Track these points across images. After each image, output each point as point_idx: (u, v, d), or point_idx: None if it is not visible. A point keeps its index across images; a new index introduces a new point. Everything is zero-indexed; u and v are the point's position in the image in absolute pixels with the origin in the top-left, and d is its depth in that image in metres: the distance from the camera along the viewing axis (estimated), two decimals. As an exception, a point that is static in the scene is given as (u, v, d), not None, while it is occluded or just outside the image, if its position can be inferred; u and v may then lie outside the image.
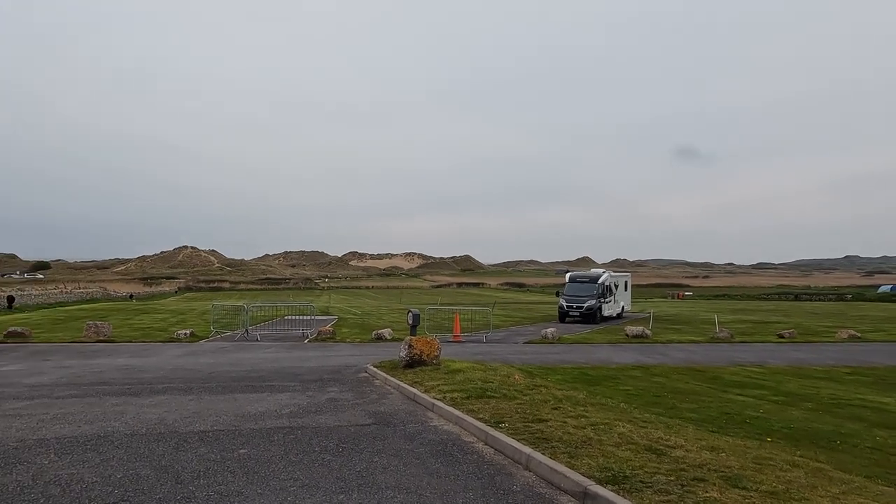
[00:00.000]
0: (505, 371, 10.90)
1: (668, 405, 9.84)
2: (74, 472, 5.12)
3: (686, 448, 5.76)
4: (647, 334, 22.49)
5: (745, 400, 10.81)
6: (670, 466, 5.03)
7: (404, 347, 11.31)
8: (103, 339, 19.59)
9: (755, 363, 16.03)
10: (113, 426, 6.91)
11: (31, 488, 4.69)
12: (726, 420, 8.90)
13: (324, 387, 10.04)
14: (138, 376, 11.47)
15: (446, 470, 5.33)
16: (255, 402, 8.52)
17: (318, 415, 7.68)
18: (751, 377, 13.61)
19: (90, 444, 6.08)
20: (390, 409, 8.14)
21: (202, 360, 14.44)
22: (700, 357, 17.23)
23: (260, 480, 4.97)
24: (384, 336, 20.61)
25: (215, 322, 23.81)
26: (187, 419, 7.34)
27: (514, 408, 7.49)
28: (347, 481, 4.96)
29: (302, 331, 22.34)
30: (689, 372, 14.16)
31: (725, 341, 22.25)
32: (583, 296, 31.07)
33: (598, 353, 17.86)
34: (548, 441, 5.86)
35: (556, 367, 14.01)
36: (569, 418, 6.92)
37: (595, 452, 5.44)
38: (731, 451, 5.86)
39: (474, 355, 15.26)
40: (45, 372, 12.19)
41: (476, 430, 6.60)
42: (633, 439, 5.99)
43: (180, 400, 8.74)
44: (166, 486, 4.81)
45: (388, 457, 5.72)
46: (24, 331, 19.91)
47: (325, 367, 12.99)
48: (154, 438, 6.34)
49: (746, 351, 19.12)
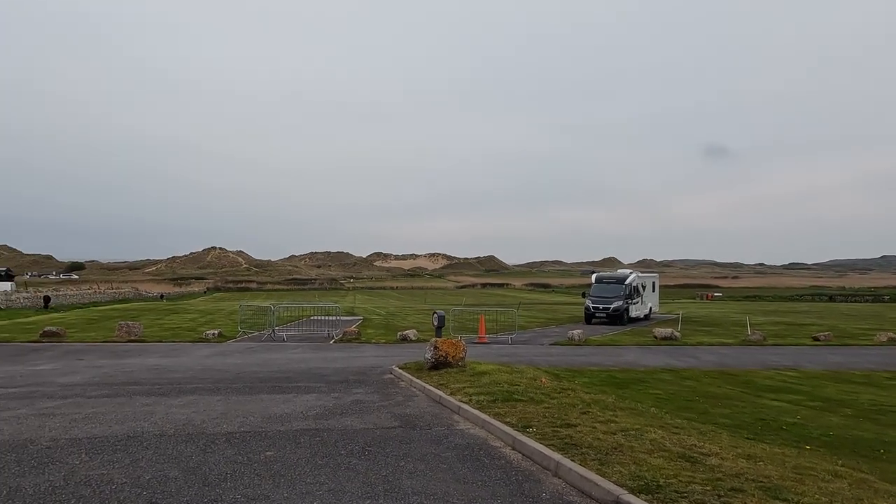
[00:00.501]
0: (531, 374, 10.76)
1: (700, 410, 9.59)
2: (104, 472, 5.17)
3: (721, 456, 5.57)
4: (676, 336, 22.07)
5: (780, 405, 10.48)
6: (706, 475, 4.86)
7: (429, 349, 11.25)
8: (134, 338, 19.98)
9: (790, 367, 15.58)
10: (142, 426, 6.98)
11: (62, 489, 4.74)
12: (762, 426, 8.62)
13: (349, 388, 10.04)
14: (168, 376, 11.63)
15: (473, 476, 5.24)
16: (282, 404, 8.54)
17: (344, 417, 7.66)
18: (785, 381, 13.21)
19: (120, 444, 6.15)
20: (416, 411, 8.08)
21: (230, 361, 14.60)
22: (732, 360, 16.82)
23: (286, 484, 4.94)
24: (409, 337, 20.60)
25: (243, 322, 24.10)
26: (215, 420, 7.38)
27: (542, 412, 7.36)
28: (373, 486, 4.90)
29: (327, 331, 22.46)
30: (721, 375, 13.82)
31: (758, 344, 21.71)
32: (609, 297, 30.66)
33: (627, 355, 17.57)
34: (577, 447, 5.72)
35: (584, 370, 13.80)
36: (598, 423, 6.77)
37: (626, 459, 5.29)
38: (769, 460, 5.65)
39: (500, 357, 15.13)
40: (79, 371, 12.45)
41: (503, 435, 6.49)
42: (666, 446, 5.82)
43: (208, 400, 8.82)
44: (194, 488, 4.81)
45: (414, 461, 5.65)
46: (58, 330, 20.42)
47: (350, 368, 13.01)
48: (182, 439, 6.38)
49: (780, 354, 18.61)
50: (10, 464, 5.40)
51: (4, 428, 6.83)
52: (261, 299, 63.21)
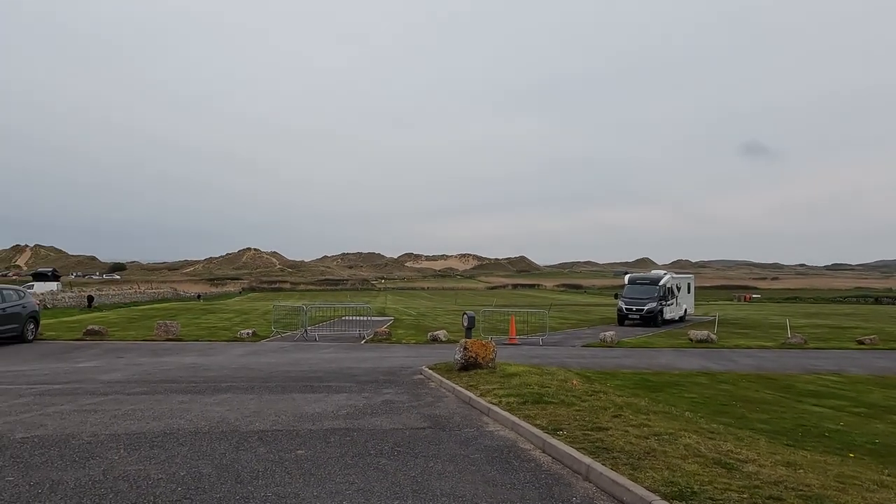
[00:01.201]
0: (562, 375, 10.65)
1: (736, 415, 9.33)
2: (141, 468, 5.30)
3: (759, 463, 5.40)
4: (712, 339, 21.56)
5: (822, 411, 10.13)
6: (743, 483, 4.72)
7: (459, 350, 11.23)
8: (172, 337, 20.49)
9: (832, 371, 15.05)
10: (178, 423, 7.14)
11: (101, 483, 4.88)
12: (802, 433, 8.34)
13: (379, 388, 10.09)
14: (203, 374, 11.89)
15: (502, 478, 5.20)
16: (313, 403, 8.63)
17: (374, 417, 7.70)
18: (828, 386, 12.77)
19: (157, 440, 6.30)
20: (445, 412, 8.07)
21: (263, 360, 14.84)
22: (771, 364, 16.34)
23: (316, 482, 4.99)
24: (439, 337, 20.62)
25: (276, 322, 24.49)
26: (248, 418, 7.51)
27: (573, 414, 7.27)
28: (402, 486, 4.91)
29: (358, 331, 22.65)
30: (759, 379, 13.43)
31: (798, 347, 21.04)
32: (643, 298, 30.16)
33: (660, 357, 17.24)
34: (608, 451, 5.63)
35: (616, 372, 13.58)
36: (630, 427, 6.65)
37: (659, 465, 5.17)
38: (810, 468, 5.45)
39: (530, 359, 15.02)
40: (119, 369, 12.83)
41: (533, 437, 6.43)
42: (701, 451, 5.67)
43: (242, 399, 8.97)
44: (226, 485, 4.90)
45: (443, 462, 5.64)
46: (101, 329, 21.09)
47: (380, 368, 13.08)
48: (216, 437, 6.51)
49: (822, 358, 17.99)
50: (54, 458, 5.59)
51: (49, 423, 7.07)
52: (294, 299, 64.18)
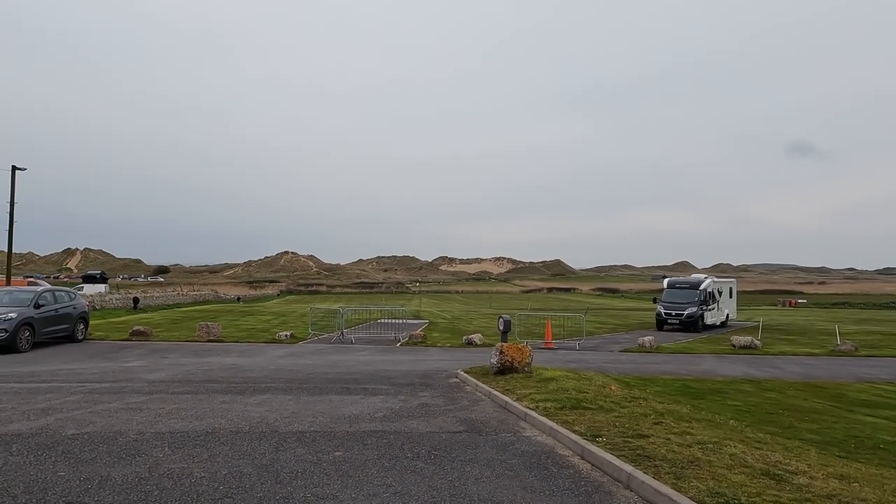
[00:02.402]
0: (600, 381, 10.46)
1: (783, 424, 9.01)
2: (185, 466, 5.42)
3: (810, 475, 5.18)
4: (756, 345, 20.90)
5: (875, 422, 9.69)
6: (793, 496, 4.53)
7: (495, 354, 11.16)
8: (213, 338, 21.01)
9: (887, 380, 14.40)
10: (220, 423, 7.29)
11: (147, 480, 5.01)
12: (855, 444, 7.99)
13: (415, 391, 10.10)
14: (243, 375, 12.12)
15: (541, 484, 5.12)
16: (350, 405, 8.69)
17: (410, 419, 7.70)
18: (882, 396, 12.21)
19: (199, 439, 6.44)
20: (482, 416, 8.02)
21: (301, 362, 15.06)
22: (819, 371, 15.73)
23: (354, 484, 5.01)
24: (474, 341, 20.57)
25: (313, 324, 24.85)
26: (286, 419, 7.61)
27: (612, 421, 7.13)
28: (439, 490, 4.89)
29: (394, 334, 22.78)
30: (807, 388, 12.94)
31: (848, 354, 20.22)
32: (683, 303, 29.49)
33: (702, 364, 16.79)
34: (650, 459, 5.49)
35: (656, 378, 13.29)
36: (672, 434, 6.48)
37: (704, 475, 5.01)
38: (866, 481, 5.20)
39: (567, 363, 14.82)
40: (163, 369, 13.20)
41: (571, 444, 6.33)
42: (747, 461, 5.48)
43: (281, 399, 9.10)
44: (266, 484, 4.96)
45: (480, 467, 5.59)
46: (146, 330, 21.78)
47: (416, 371, 13.10)
48: (256, 437, 6.61)
49: (875, 366, 17.23)
50: (102, 454, 5.77)
51: (97, 420, 7.31)
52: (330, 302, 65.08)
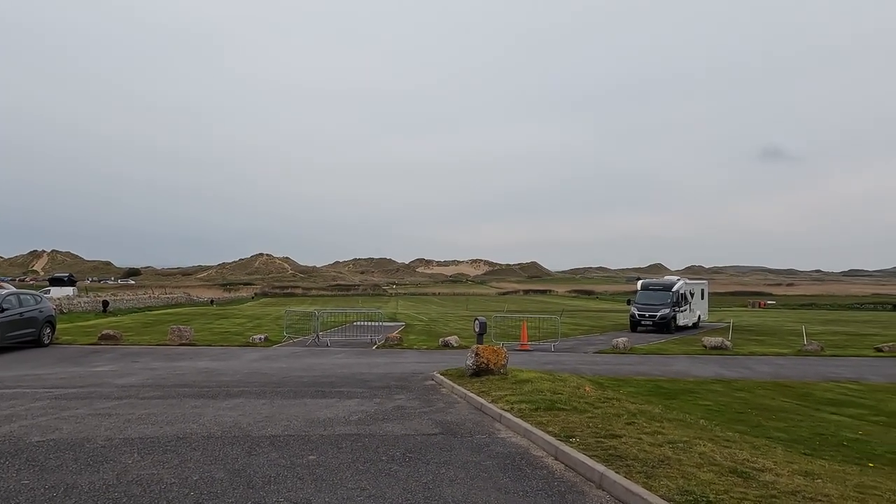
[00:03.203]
0: (574, 382, 10.57)
1: (752, 423, 9.21)
2: (155, 472, 5.33)
3: (776, 472, 5.32)
4: (726, 345, 21.32)
5: (840, 419, 9.97)
6: (759, 492, 4.64)
7: (471, 356, 11.20)
8: (186, 342, 20.65)
9: (851, 379, 14.82)
10: (191, 428, 7.18)
11: (114, 487, 4.91)
12: (820, 441, 8.21)
13: (391, 394, 10.08)
14: (217, 379, 11.95)
15: (514, 485, 5.16)
16: (325, 408, 8.64)
17: (386, 422, 7.69)
18: (846, 394, 12.56)
19: (170, 445, 6.33)
20: (457, 418, 8.04)
21: (275, 365, 14.90)
22: (787, 371, 16.12)
23: (328, 488, 4.98)
24: (451, 343, 20.59)
25: (288, 327, 24.60)
26: (260, 423, 7.53)
27: (585, 421, 7.21)
28: (413, 493, 4.89)
29: (370, 337, 22.68)
30: (776, 387, 13.25)
31: (815, 354, 20.76)
32: (656, 304, 29.93)
33: (674, 364, 17.07)
34: (622, 458, 5.57)
35: (629, 379, 13.47)
36: (644, 434, 6.58)
37: (674, 473, 5.11)
38: (829, 478, 5.36)
39: (542, 365, 14.94)
40: (133, 373, 12.93)
41: (545, 444, 6.38)
42: (716, 460, 5.60)
43: (254, 403, 9.00)
44: (238, 489, 4.90)
45: (454, 469, 5.61)
46: (115, 333, 21.31)
47: (392, 373, 13.07)
48: (228, 441, 6.53)
49: (840, 365, 17.72)
50: (68, 462, 5.63)
51: (64, 427, 7.14)
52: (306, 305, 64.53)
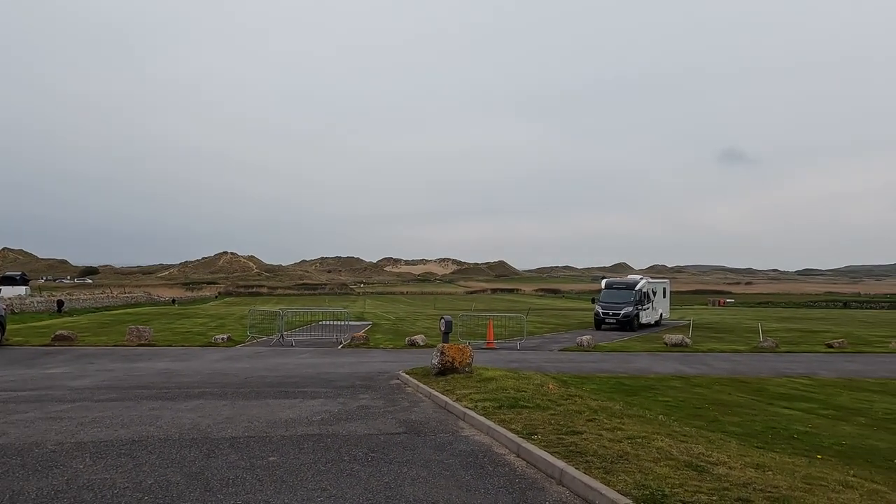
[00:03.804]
0: (538, 380, 10.69)
1: (709, 418, 9.47)
2: (107, 477, 5.18)
3: (729, 465, 5.47)
4: (686, 343, 21.87)
5: (792, 413, 10.33)
6: (712, 485, 4.77)
7: (436, 354, 11.21)
8: (145, 342, 20.11)
9: (803, 374, 15.37)
10: (148, 430, 7.00)
11: (64, 493, 4.75)
12: (772, 435, 8.49)
13: (356, 393, 10.02)
14: (176, 380, 11.68)
15: (476, 483, 5.18)
16: (288, 409, 8.53)
17: (349, 422, 7.64)
18: (798, 389, 13.03)
19: (125, 448, 6.16)
20: (421, 417, 8.04)
21: (238, 365, 14.64)
22: (744, 367, 16.62)
23: (288, 489, 4.92)
24: (417, 342, 20.58)
25: (252, 327, 24.22)
26: (220, 424, 7.39)
27: (548, 418, 7.30)
28: (375, 493, 4.87)
29: (336, 336, 22.49)
30: (733, 383, 13.65)
31: (770, 351, 21.46)
32: (619, 303, 30.49)
33: (636, 361, 17.42)
34: (582, 455, 5.66)
35: (592, 376, 13.69)
36: (604, 430, 6.70)
37: (632, 468, 5.21)
38: (779, 470, 5.54)
39: (508, 363, 15.06)
40: (89, 375, 12.54)
41: (508, 442, 6.44)
42: (673, 454, 5.73)
43: (215, 405, 8.83)
44: (195, 493, 4.80)
45: (417, 468, 5.61)
46: (70, 334, 20.61)
47: (357, 373, 12.99)
48: (186, 444, 6.38)
49: (793, 361, 18.37)
50: (15, 467, 5.42)
51: (12, 431, 6.87)
52: (271, 304, 63.59)
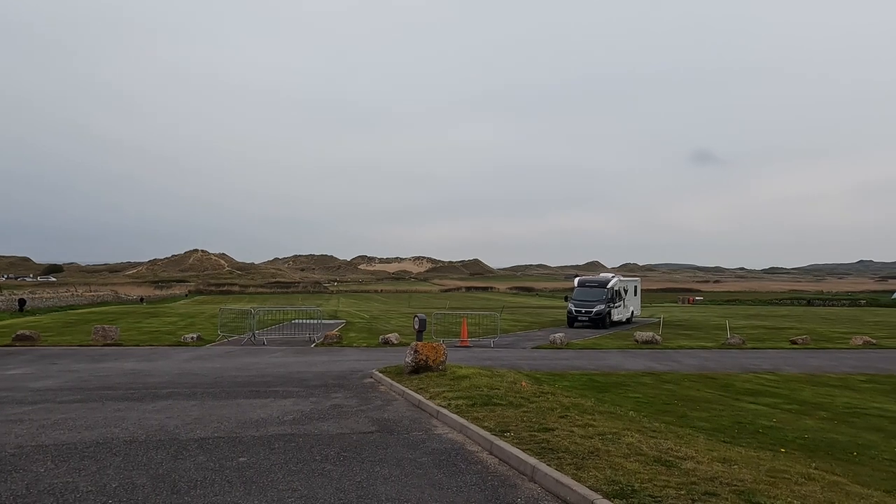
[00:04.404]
0: (511, 377, 10.74)
1: (678, 414, 9.64)
2: (70, 480, 5.03)
3: (697, 460, 5.58)
4: (657, 340, 22.22)
5: (757, 408, 10.58)
6: (681, 479, 4.85)
7: (410, 353, 11.19)
8: (111, 342, 19.62)
9: (768, 370, 15.75)
10: (113, 432, 6.83)
11: (23, 497, 4.60)
12: (739, 429, 8.68)
13: (328, 392, 9.93)
14: (143, 381, 11.42)
15: (449, 481, 5.18)
16: (259, 409, 8.42)
17: (321, 422, 7.57)
18: (764, 385, 13.35)
19: (88, 451, 6.00)
20: (394, 416, 8.01)
21: (208, 365, 14.39)
22: (712, 364, 16.96)
23: (258, 490, 4.85)
24: (391, 341, 20.50)
25: (223, 326, 23.81)
26: (188, 425, 7.25)
27: (521, 416, 7.34)
28: (346, 492, 4.83)
29: (309, 335, 22.27)
30: (701, 379, 13.92)
31: (737, 347, 21.94)
32: (592, 300, 30.82)
33: (608, 358, 17.64)
34: (554, 451, 5.70)
35: (565, 374, 13.82)
36: (576, 427, 6.76)
37: (602, 464, 5.27)
38: (744, 463, 5.67)
39: (481, 361, 15.10)
40: (52, 376, 12.18)
41: (481, 439, 6.45)
42: (643, 450, 5.81)
43: (183, 405, 8.66)
44: (161, 495, 4.70)
45: (389, 466, 5.58)
46: (32, 334, 19.98)
47: (330, 372, 12.88)
48: (153, 445, 6.25)
49: (759, 357, 18.81)
50: (-28, 472, 5.23)
51: (-31, 435, 6.63)
52: (243, 303, 62.61)
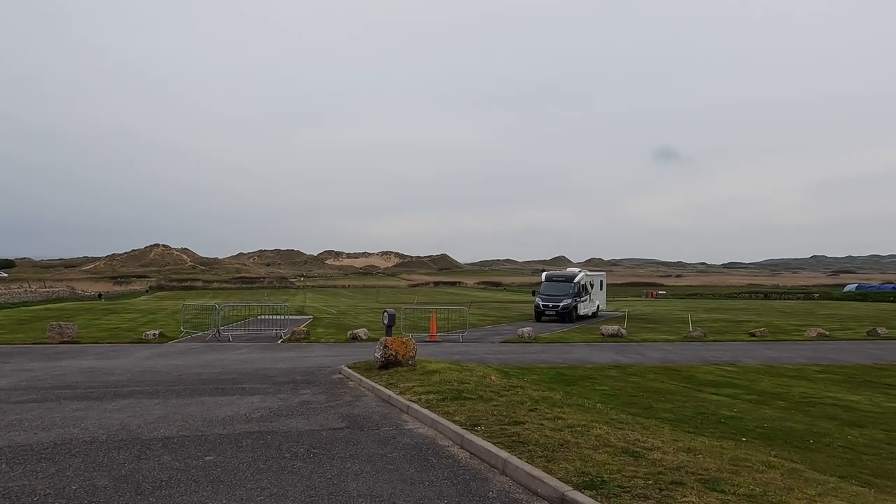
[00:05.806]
0: (481, 372, 10.78)
1: (644, 405, 9.84)
2: (26, 483, 4.84)
3: (663, 450, 5.70)
4: (622, 333, 22.63)
5: (719, 399, 10.87)
6: (648, 470, 4.95)
7: (379, 348, 11.12)
8: (68, 340, 18.96)
9: (728, 362, 16.21)
10: (71, 433, 6.60)
11: (-23, 502, 4.41)
12: (702, 420, 8.91)
13: (296, 389, 9.81)
14: (103, 379, 11.08)
15: (420, 476, 5.18)
16: (225, 406, 8.25)
17: (290, 418, 7.47)
18: (724, 376, 13.73)
19: (45, 452, 5.78)
20: (364, 411, 7.96)
21: (171, 362, 14.04)
22: (675, 356, 17.37)
23: (225, 490, 4.75)
24: (360, 336, 20.35)
25: (186, 322, 23.26)
26: (152, 424, 7.06)
27: (491, 409, 7.37)
28: (317, 489, 4.78)
29: (275, 331, 21.93)
30: (665, 371, 14.24)
31: (699, 340, 22.51)
32: (558, 295, 31.18)
33: (575, 352, 17.88)
34: (524, 444, 5.74)
35: (533, 367, 13.95)
36: (546, 420, 6.83)
37: (572, 456, 5.34)
38: (708, 453, 5.82)
39: (451, 355, 15.12)
40: (4, 375, 11.70)
41: (451, 434, 6.46)
42: (611, 441, 5.91)
43: (146, 404, 8.43)
44: (124, 497, 4.56)
45: (360, 462, 5.54)
46: (-17, 332, 19.14)
47: (298, 368, 12.72)
48: (115, 446, 6.06)
49: (720, 350, 19.35)
50: (-81, 477, 4.99)
51: (-85, 438, 6.32)
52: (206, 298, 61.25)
